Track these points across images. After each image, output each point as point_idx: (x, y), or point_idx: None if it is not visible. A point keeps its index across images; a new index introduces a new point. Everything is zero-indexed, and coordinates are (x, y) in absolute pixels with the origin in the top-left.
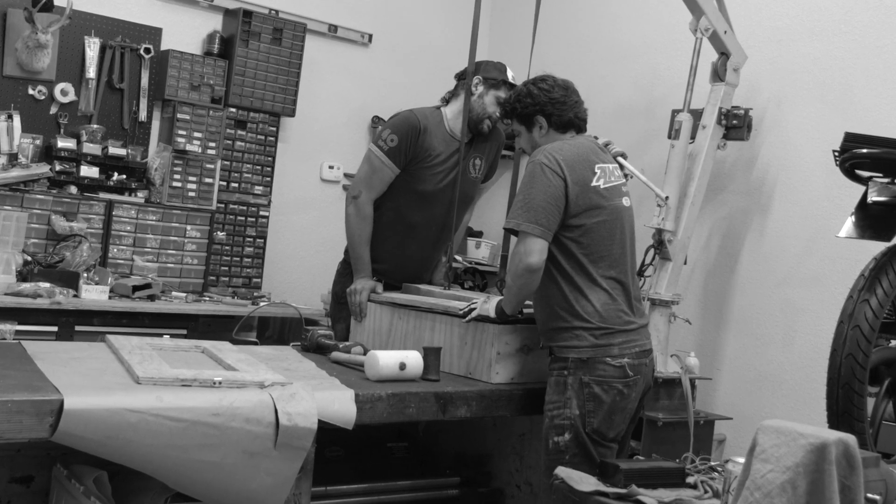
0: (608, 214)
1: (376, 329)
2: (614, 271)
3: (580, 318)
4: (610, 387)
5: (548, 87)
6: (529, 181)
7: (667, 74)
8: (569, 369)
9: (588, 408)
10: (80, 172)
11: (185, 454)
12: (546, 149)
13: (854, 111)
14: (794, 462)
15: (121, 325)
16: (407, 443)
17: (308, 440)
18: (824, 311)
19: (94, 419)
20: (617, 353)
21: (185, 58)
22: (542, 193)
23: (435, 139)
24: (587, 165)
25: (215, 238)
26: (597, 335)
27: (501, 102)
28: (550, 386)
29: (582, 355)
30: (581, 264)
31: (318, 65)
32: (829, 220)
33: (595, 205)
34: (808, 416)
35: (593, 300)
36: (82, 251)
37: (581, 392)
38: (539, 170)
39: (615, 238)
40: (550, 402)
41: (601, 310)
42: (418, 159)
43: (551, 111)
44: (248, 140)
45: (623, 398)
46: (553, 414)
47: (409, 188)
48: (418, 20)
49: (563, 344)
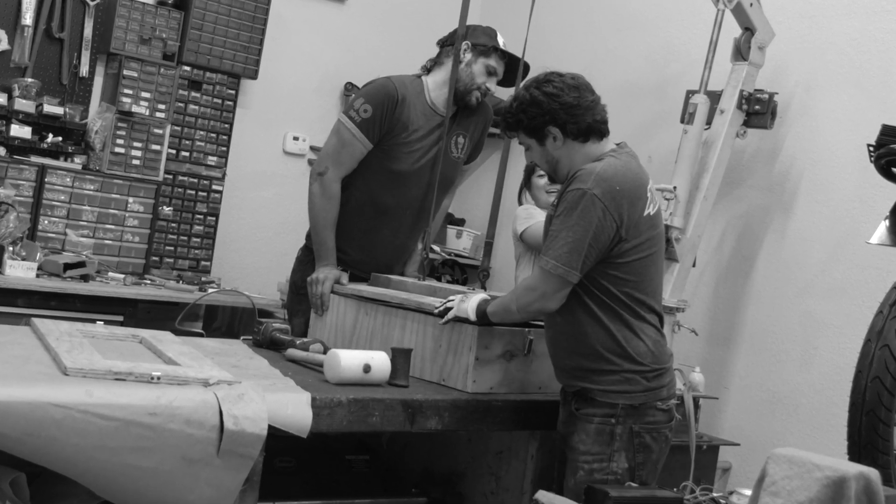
0: (655, 244)
1: (339, 325)
2: (655, 302)
3: (632, 361)
4: (659, 434)
5: (555, 89)
6: (580, 215)
7: (682, 50)
8: (617, 417)
9: (638, 460)
10: (9, 132)
11: (116, 457)
12: (601, 174)
13: (894, 100)
14: (808, 497)
15: (49, 307)
16: (368, 456)
17: (256, 448)
18: (849, 327)
19: (14, 413)
20: (665, 396)
21: (134, 6)
22: (590, 236)
23: (414, 112)
24: (642, 193)
25: (161, 213)
26: (649, 378)
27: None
28: (588, 434)
29: (634, 401)
30: (629, 300)
31: (286, 21)
32: (859, 223)
33: (644, 238)
34: (826, 446)
35: (645, 339)
36: (8, 221)
37: (631, 443)
38: (591, 204)
39: (658, 267)
40: (590, 454)
41: (653, 349)
42: (394, 134)
43: (565, 119)
44: (203, 104)
45: (667, 445)
46: (594, 467)
47: (382, 166)
48: None
49: (611, 389)
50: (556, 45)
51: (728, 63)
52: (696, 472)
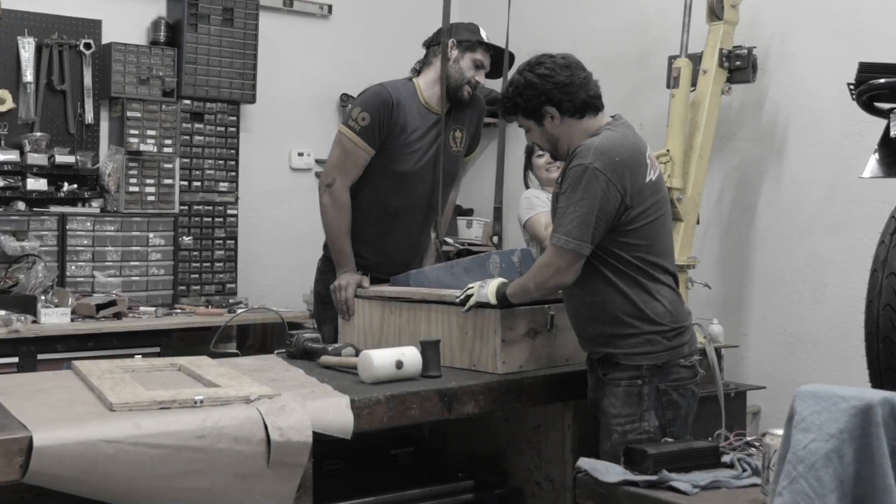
0: (660, 207)
1: (367, 327)
2: (669, 263)
3: (652, 322)
4: (686, 389)
5: (548, 70)
6: (584, 190)
7: (658, 18)
8: (643, 378)
9: (668, 417)
10: (26, 186)
11: (171, 483)
12: (599, 148)
13: (866, 39)
14: (838, 428)
15: (87, 348)
16: (412, 448)
17: (304, 455)
18: (855, 261)
19: (68, 454)
20: (687, 353)
21: (129, 50)
22: (597, 208)
23: (410, 113)
24: (641, 161)
25: (181, 244)
26: (669, 337)
27: (500, 98)
28: (617, 398)
29: (657, 361)
30: (642, 265)
31: (276, 44)
32: (850, 160)
33: (649, 203)
34: (848, 377)
35: (661, 300)
36: (37, 272)
37: (660, 401)
38: (594, 178)
39: (667, 229)
40: (621, 416)
41: (671, 308)
42: (394, 137)
43: (560, 98)
44: (207, 133)
45: (695, 399)
46: (626, 429)
47: (386, 170)
48: None
49: (634, 351)
50: (538, 29)
51: (704, 25)
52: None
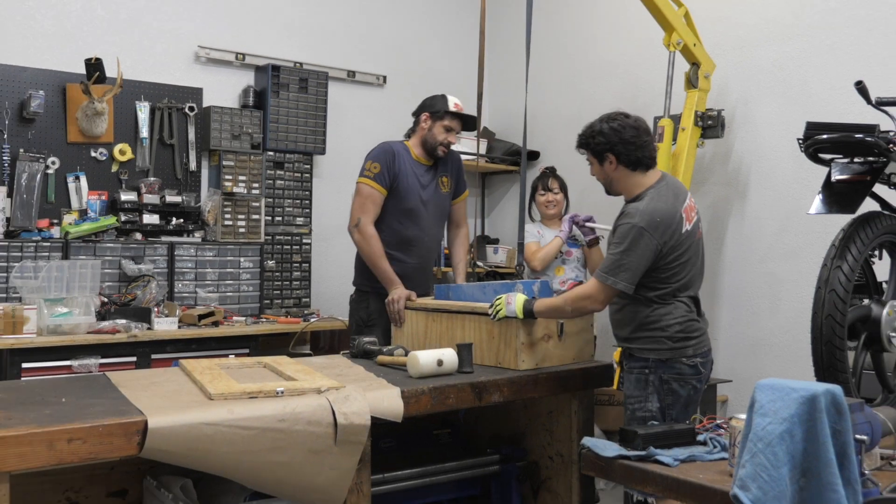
0: (692, 250)
1: (414, 332)
2: (692, 290)
3: (661, 329)
4: (686, 382)
5: (619, 126)
6: (630, 243)
7: (646, 86)
8: (649, 368)
9: (668, 401)
10: (142, 220)
11: (258, 457)
12: (643, 210)
13: (812, 104)
14: (790, 413)
15: (190, 350)
16: (450, 429)
17: (364, 435)
18: (803, 280)
19: (175, 434)
20: (691, 354)
21: (224, 112)
22: (638, 257)
23: (406, 164)
24: (677, 218)
25: (266, 266)
26: (674, 340)
27: (580, 134)
28: (630, 382)
29: (662, 357)
30: (667, 291)
31: (341, 106)
32: (800, 200)
33: (683, 248)
34: (798, 373)
35: (674, 313)
36: (151, 289)
37: (661, 388)
38: (638, 234)
39: (696, 265)
40: (632, 397)
41: (681, 320)
42: (398, 180)
43: (621, 150)
44: (287, 178)
45: (696, 392)
46: (635, 407)
47: (398, 209)
48: (426, 61)
49: (644, 347)
50: (551, 93)
51: (683, 92)
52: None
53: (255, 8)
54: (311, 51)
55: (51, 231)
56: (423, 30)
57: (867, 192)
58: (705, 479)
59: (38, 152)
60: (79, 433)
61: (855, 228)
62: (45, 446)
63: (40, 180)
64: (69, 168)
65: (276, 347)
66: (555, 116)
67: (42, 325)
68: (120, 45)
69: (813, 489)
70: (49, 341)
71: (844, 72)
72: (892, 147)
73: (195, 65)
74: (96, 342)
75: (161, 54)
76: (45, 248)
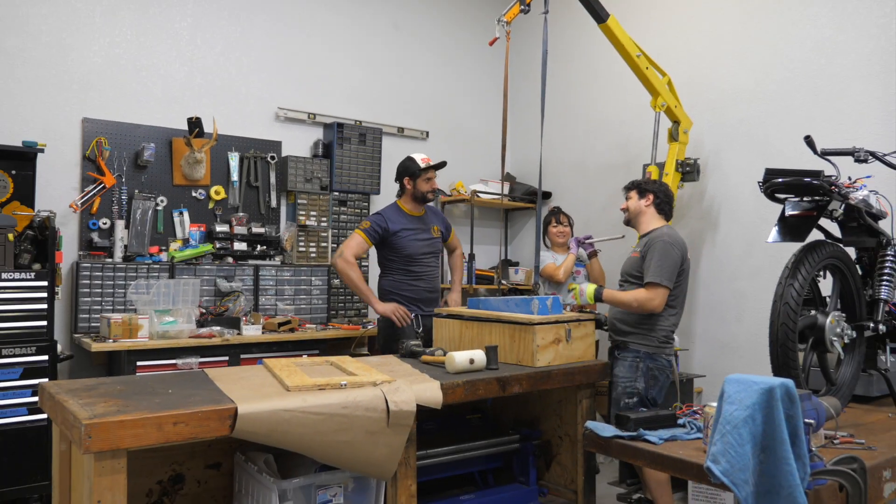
0: (686, 276)
1: (450, 336)
2: (679, 306)
3: (653, 330)
4: (662, 372)
5: (663, 185)
6: (666, 252)
7: (637, 140)
8: (640, 358)
9: (650, 384)
10: (233, 247)
11: (326, 437)
12: (669, 234)
13: (770, 154)
14: (752, 402)
15: (272, 351)
16: (480, 414)
17: (410, 419)
18: (764, 295)
19: (259, 419)
20: (668, 353)
21: (299, 160)
22: (673, 264)
23: (399, 221)
24: (686, 249)
25: (332, 284)
26: (660, 339)
27: (632, 181)
28: (623, 367)
29: (649, 350)
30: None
31: (392, 156)
32: (760, 231)
33: (684, 272)
34: (759, 370)
35: (665, 320)
36: (240, 302)
37: (646, 374)
38: (670, 247)
39: (685, 286)
40: (623, 377)
41: (668, 327)
42: (392, 235)
43: (661, 197)
44: (349, 214)
45: (668, 380)
46: (625, 385)
47: (402, 254)
48: (461, 119)
49: (636, 341)
50: (560, 144)
51: (667, 144)
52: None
53: (323, 77)
54: (368, 111)
55: (160, 256)
56: (457, 95)
57: (814, 225)
58: (684, 454)
59: (150, 193)
60: (182, 418)
61: (804, 254)
62: (155, 428)
63: (151, 215)
64: (175, 205)
65: (341, 349)
66: (563, 163)
67: (153, 331)
68: (215, 107)
69: (771, 462)
70: (158, 344)
71: (797, 128)
72: (833, 189)
73: (276, 122)
74: (196, 345)
75: (248, 114)
76: (155, 270)
